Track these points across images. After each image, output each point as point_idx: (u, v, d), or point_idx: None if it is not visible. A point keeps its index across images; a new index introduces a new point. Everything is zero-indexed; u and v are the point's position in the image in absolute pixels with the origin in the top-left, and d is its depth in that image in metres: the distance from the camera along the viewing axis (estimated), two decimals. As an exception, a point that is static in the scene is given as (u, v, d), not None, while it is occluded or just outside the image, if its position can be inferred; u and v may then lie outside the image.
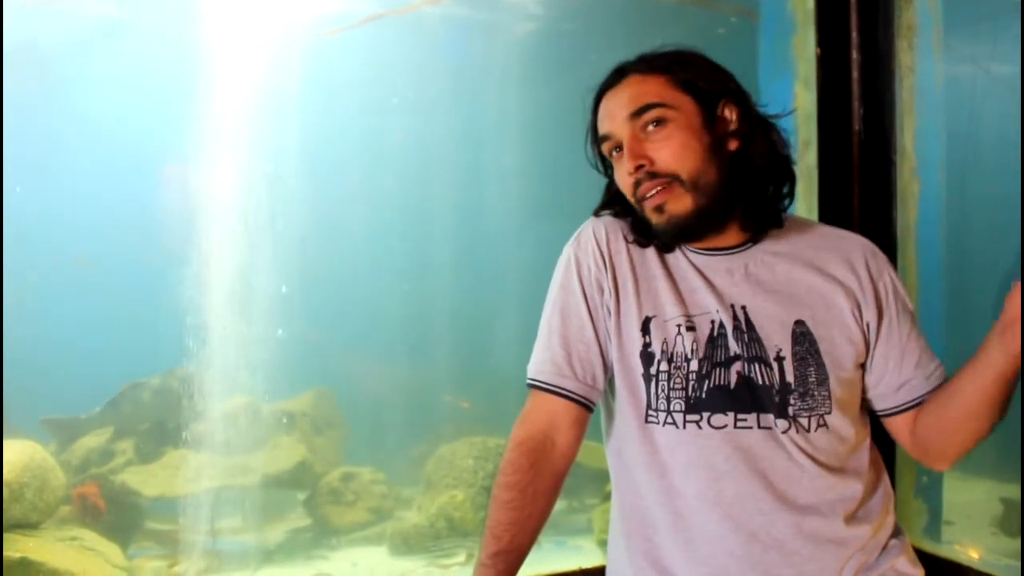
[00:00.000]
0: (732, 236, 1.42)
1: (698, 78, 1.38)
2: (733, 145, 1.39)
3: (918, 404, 1.42)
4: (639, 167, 1.33)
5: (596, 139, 1.46)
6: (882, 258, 1.47)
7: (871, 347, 1.41)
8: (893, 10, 2.38)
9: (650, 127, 1.34)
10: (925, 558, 1.52)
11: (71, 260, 4.99)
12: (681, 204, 1.34)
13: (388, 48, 5.41)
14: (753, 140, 1.40)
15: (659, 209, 1.35)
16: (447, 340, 5.76)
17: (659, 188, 1.33)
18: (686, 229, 1.36)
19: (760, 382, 1.33)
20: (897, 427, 1.46)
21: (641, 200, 1.37)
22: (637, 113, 1.35)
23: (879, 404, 1.45)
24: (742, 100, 1.41)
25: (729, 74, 1.42)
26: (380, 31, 5.02)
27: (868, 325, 1.40)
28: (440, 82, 5.83)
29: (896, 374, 1.41)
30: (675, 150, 1.33)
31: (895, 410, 1.43)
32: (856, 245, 1.47)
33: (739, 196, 1.40)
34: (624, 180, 1.39)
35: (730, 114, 1.39)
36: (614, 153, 1.41)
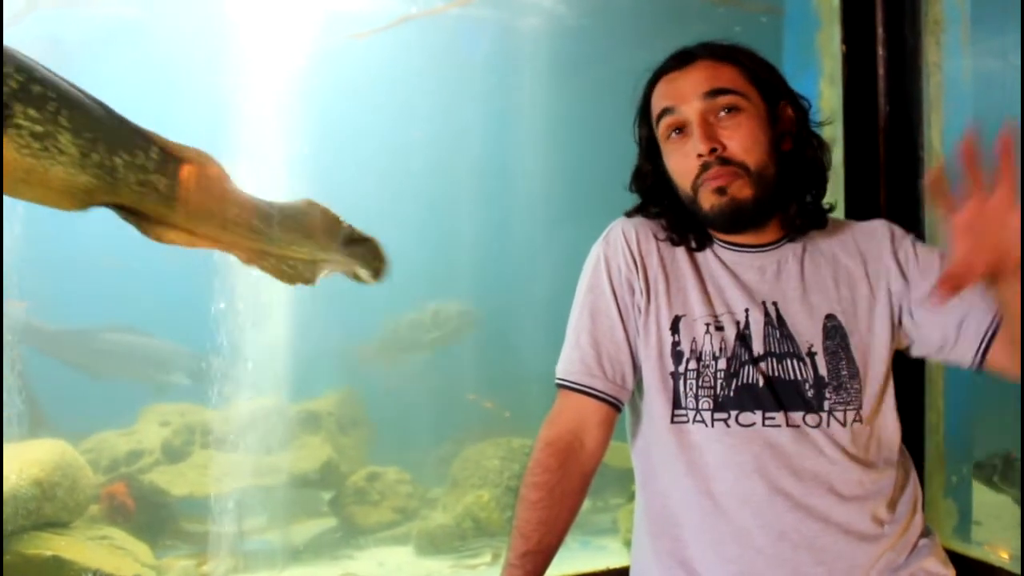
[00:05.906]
0: (769, 233, 1.42)
1: (764, 74, 1.39)
2: (787, 145, 1.40)
3: (993, 334, 1.32)
4: (712, 150, 1.32)
5: (647, 119, 1.45)
6: (899, 233, 1.44)
7: (912, 315, 1.37)
8: (919, 5, 2.34)
9: (722, 113, 1.34)
10: (955, 558, 1.50)
11: (101, 261, 5.04)
12: (744, 192, 1.33)
13: (415, 48, 5.42)
14: (808, 144, 1.41)
15: (721, 191, 1.34)
16: (472, 340, 5.76)
17: (727, 174, 1.33)
18: (742, 216, 1.35)
19: (793, 377, 1.33)
20: (999, 363, 1.34)
21: (701, 183, 1.35)
22: (712, 94, 1.33)
23: (961, 355, 1.36)
24: (797, 103, 1.42)
25: (783, 76, 1.43)
26: (404, 31, 5.03)
27: (901, 305, 1.38)
28: (464, 82, 5.84)
29: (946, 318, 1.34)
30: (746, 140, 1.33)
31: (979, 351, 1.34)
32: (878, 229, 1.46)
33: (788, 195, 1.40)
34: (683, 161, 1.37)
35: (788, 115, 1.40)
36: (673, 135, 1.39)
